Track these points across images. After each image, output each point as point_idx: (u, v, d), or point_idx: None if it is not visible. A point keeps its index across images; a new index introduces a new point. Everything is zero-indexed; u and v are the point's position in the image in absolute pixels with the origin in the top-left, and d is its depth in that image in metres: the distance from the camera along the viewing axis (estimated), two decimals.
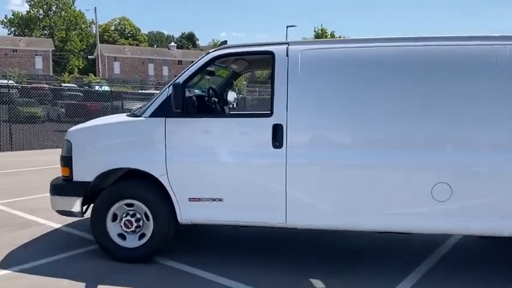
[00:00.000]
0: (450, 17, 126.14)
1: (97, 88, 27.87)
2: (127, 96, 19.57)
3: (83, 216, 4.63)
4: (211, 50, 4.51)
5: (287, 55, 4.14)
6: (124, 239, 4.44)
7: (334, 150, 4.03)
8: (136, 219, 4.38)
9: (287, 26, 40.42)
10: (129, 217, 4.38)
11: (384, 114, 3.97)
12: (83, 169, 4.45)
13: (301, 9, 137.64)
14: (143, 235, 4.41)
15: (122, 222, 4.41)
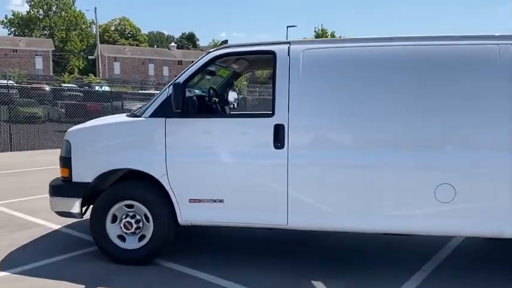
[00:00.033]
0: (453, 16, 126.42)
1: (97, 88, 27.82)
2: (127, 96, 19.60)
3: (83, 217, 4.60)
4: (211, 50, 4.47)
5: (288, 55, 4.10)
6: (124, 240, 4.40)
7: (335, 150, 4.00)
8: (136, 221, 4.35)
9: (287, 26, 40.54)
10: (129, 218, 4.35)
11: (385, 113, 3.93)
12: (83, 170, 4.41)
13: (301, 9, 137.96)
14: (143, 236, 4.37)
15: (121, 223, 4.38)
